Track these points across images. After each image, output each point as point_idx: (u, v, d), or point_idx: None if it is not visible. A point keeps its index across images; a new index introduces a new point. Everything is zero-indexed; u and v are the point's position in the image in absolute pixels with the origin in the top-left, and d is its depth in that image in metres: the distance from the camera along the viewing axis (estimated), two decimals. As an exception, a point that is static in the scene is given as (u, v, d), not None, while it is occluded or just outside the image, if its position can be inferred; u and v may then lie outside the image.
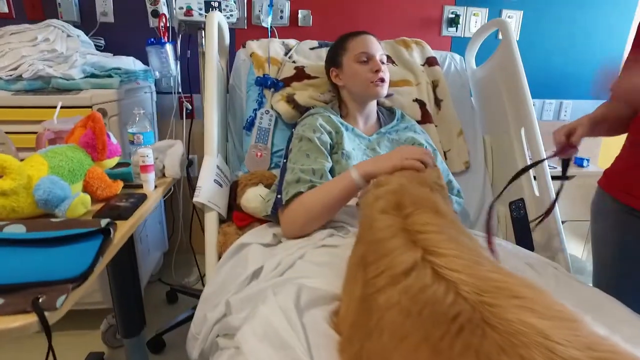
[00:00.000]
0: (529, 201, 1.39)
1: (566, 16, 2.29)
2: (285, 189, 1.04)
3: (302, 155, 1.10)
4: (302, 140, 1.14)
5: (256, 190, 1.15)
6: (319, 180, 1.04)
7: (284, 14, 2.03)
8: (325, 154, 1.11)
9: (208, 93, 1.22)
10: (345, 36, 1.27)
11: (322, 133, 1.15)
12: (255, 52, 1.46)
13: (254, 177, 1.20)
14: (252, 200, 1.13)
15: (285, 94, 1.37)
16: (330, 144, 1.15)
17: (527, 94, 1.39)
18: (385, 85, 1.24)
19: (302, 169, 1.06)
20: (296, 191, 1.01)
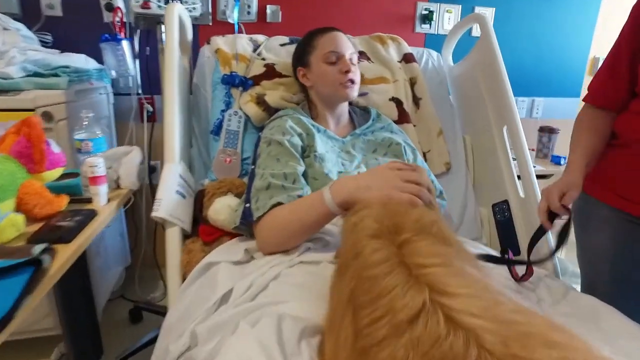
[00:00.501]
0: (513, 203, 1.34)
1: (536, 13, 2.29)
2: (255, 196, 0.94)
3: (271, 159, 1.00)
4: (271, 144, 1.04)
5: (225, 200, 1.03)
6: (291, 185, 0.94)
7: (251, 9, 1.91)
8: (297, 157, 1.01)
9: (168, 93, 1.09)
10: (313, 33, 1.19)
11: (293, 135, 1.05)
12: (221, 49, 1.34)
13: (222, 185, 1.09)
14: (221, 212, 1.01)
15: (254, 94, 1.26)
16: (301, 146, 1.06)
17: (509, 91, 1.33)
18: (355, 87, 1.17)
19: (272, 173, 0.96)
20: (270, 202, 0.91)
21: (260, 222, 0.92)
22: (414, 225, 0.53)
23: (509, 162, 1.36)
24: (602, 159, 0.97)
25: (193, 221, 1.09)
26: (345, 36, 1.18)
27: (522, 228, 1.31)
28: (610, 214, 0.93)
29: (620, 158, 0.92)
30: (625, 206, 0.90)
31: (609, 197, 0.94)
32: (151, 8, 1.30)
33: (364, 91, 1.38)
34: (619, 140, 0.93)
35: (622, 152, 0.91)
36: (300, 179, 0.97)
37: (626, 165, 0.90)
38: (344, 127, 1.23)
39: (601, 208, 0.96)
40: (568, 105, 2.53)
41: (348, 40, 1.18)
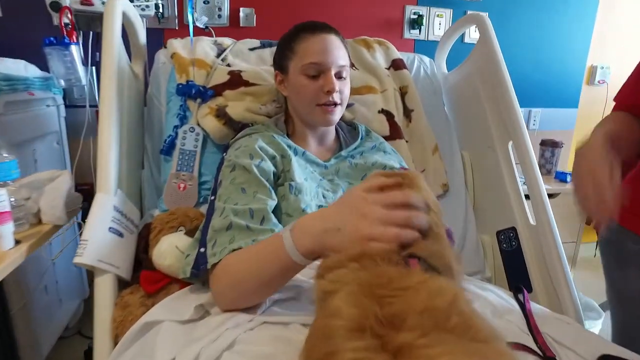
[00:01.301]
0: (522, 231, 1.15)
1: (531, 19, 2.16)
2: (212, 239, 0.74)
3: (235, 189, 0.79)
4: (236, 169, 0.83)
5: (172, 239, 0.82)
6: (258, 225, 0.74)
7: (222, 12, 1.72)
8: (267, 188, 0.81)
9: (104, 106, 0.89)
10: (298, 31, 0.94)
11: (263, 159, 0.84)
12: (177, 53, 1.13)
13: (172, 218, 0.87)
14: (167, 255, 0.80)
15: (214, 106, 1.05)
16: (274, 173, 0.85)
17: (514, 100, 1.15)
18: (338, 110, 0.94)
19: (235, 209, 0.75)
20: (230, 248, 0.70)
21: (214, 271, 0.71)
22: (419, 317, 0.33)
23: (516, 183, 1.17)
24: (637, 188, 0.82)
25: (136, 265, 0.87)
26: (338, 41, 0.93)
27: (533, 261, 1.12)
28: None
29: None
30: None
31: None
32: (94, 5, 1.09)
33: (349, 102, 1.18)
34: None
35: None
36: (271, 217, 0.76)
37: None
38: (328, 148, 1.02)
39: (637, 242, 0.82)
40: (566, 116, 2.39)
41: (341, 47, 0.93)
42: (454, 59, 1.47)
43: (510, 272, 1.19)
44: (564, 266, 1.02)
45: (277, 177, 0.86)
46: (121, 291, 0.83)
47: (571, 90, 2.39)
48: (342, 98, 0.93)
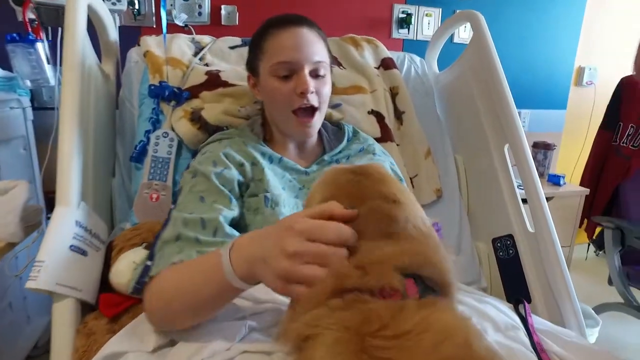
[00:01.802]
0: (520, 238, 1.09)
1: (520, 20, 2.13)
2: (160, 250, 0.67)
3: (194, 198, 0.72)
4: (197, 175, 0.76)
5: (131, 256, 0.74)
6: (209, 237, 0.67)
7: (202, 9, 1.63)
8: (227, 198, 0.73)
9: (65, 109, 0.80)
10: (267, 27, 0.84)
11: (227, 167, 0.77)
12: (150, 51, 1.04)
13: (135, 234, 0.79)
14: (124, 273, 0.72)
15: (189, 109, 0.97)
16: (239, 182, 0.77)
17: (510, 102, 1.09)
18: (317, 118, 0.85)
19: (186, 219, 0.68)
20: (169, 261, 0.64)
21: (148, 286, 0.65)
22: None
23: (513, 188, 1.11)
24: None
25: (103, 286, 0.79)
26: (312, 34, 0.83)
27: (532, 269, 1.06)
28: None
29: None
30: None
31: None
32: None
33: (337, 102, 1.11)
34: None
35: None
36: (225, 228, 0.69)
37: None
38: (310, 151, 0.93)
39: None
40: (555, 118, 2.36)
41: (317, 41, 0.83)
42: (443, 59, 1.41)
43: (507, 281, 1.13)
44: (565, 276, 0.96)
45: (246, 187, 0.78)
46: (85, 317, 0.74)
47: (559, 92, 2.36)
48: (320, 100, 0.83)
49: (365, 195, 0.49)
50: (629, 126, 1.76)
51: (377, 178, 0.51)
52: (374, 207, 0.48)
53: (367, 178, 0.51)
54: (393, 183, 0.52)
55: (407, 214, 0.48)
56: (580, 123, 2.39)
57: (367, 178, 0.51)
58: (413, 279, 0.44)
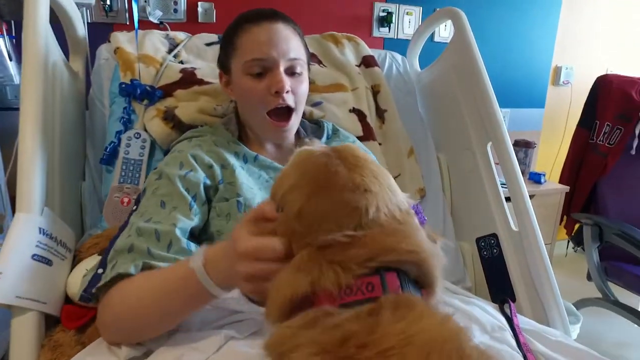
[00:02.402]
0: (504, 237, 1.08)
1: (498, 18, 2.15)
2: (112, 260, 0.63)
3: (155, 202, 0.68)
4: (162, 177, 0.72)
5: (85, 264, 0.70)
6: (163, 252, 0.63)
7: (178, 6, 1.58)
8: (188, 204, 0.69)
9: (26, 109, 0.74)
10: (239, 22, 0.80)
11: (193, 169, 0.73)
12: (121, 48, 0.99)
13: (95, 243, 0.75)
14: (76, 284, 0.69)
15: (162, 108, 0.92)
16: (206, 185, 0.73)
17: (493, 99, 1.09)
18: (293, 120, 0.81)
19: (140, 228, 0.64)
20: (117, 270, 0.61)
21: (102, 298, 0.62)
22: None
23: (496, 187, 1.10)
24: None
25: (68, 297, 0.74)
26: (287, 29, 0.79)
27: (516, 268, 1.05)
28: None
29: None
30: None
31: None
32: (17, -10, 0.94)
33: (318, 100, 1.08)
34: None
35: None
36: (181, 243, 0.65)
37: None
38: (288, 148, 0.89)
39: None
40: (534, 117, 2.39)
41: (292, 36, 0.79)
42: (423, 58, 1.40)
43: (491, 280, 1.13)
44: (550, 275, 0.96)
45: (215, 190, 0.74)
46: (50, 330, 0.69)
47: (538, 91, 2.40)
48: (296, 100, 0.80)
49: (334, 184, 0.45)
50: (605, 124, 1.79)
51: (351, 163, 0.47)
52: (340, 200, 0.44)
53: (340, 162, 0.47)
54: (367, 167, 0.47)
55: (378, 202, 0.44)
56: (559, 121, 2.43)
57: (340, 162, 0.47)
58: (396, 272, 0.42)
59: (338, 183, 0.45)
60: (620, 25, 2.46)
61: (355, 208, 0.43)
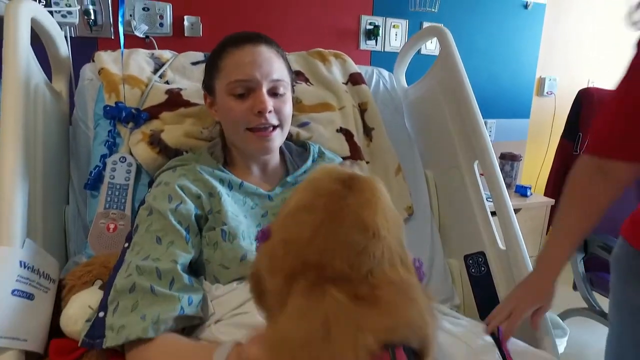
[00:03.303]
0: (491, 255, 1.09)
1: (482, 30, 2.18)
2: (114, 301, 0.63)
3: (150, 239, 0.68)
4: (153, 213, 0.72)
5: (84, 297, 0.68)
6: (166, 290, 0.63)
7: (164, 20, 1.56)
8: (183, 238, 0.70)
9: (6, 138, 0.72)
10: (223, 46, 0.81)
11: (182, 201, 0.73)
12: (105, 68, 0.98)
13: (87, 271, 0.73)
14: (76, 318, 0.67)
15: (148, 131, 0.91)
16: (197, 215, 0.73)
17: (478, 117, 1.10)
18: (277, 134, 0.82)
19: (141, 267, 0.64)
20: (129, 333, 0.60)
21: (128, 353, 0.61)
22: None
23: (483, 205, 1.11)
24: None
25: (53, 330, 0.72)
26: (270, 51, 0.81)
27: (503, 286, 1.06)
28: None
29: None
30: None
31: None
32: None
33: (305, 121, 1.08)
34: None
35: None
36: (181, 277, 0.66)
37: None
38: (273, 173, 0.89)
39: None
40: (519, 127, 2.43)
41: (275, 58, 0.82)
42: (410, 71, 1.41)
43: (480, 299, 1.13)
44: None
45: (205, 220, 0.74)
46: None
47: (523, 101, 2.43)
48: (281, 118, 0.81)
49: (342, 218, 0.43)
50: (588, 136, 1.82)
51: (365, 198, 0.45)
52: (349, 239, 0.43)
53: (354, 195, 0.45)
54: (380, 208, 0.45)
55: (384, 251, 0.43)
56: (543, 131, 2.47)
57: (354, 195, 0.45)
58: (402, 347, 0.41)
59: (347, 218, 0.43)
60: (602, 38, 2.52)
61: (364, 251, 0.42)
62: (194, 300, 0.66)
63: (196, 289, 0.69)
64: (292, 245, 0.44)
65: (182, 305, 0.64)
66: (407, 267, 0.46)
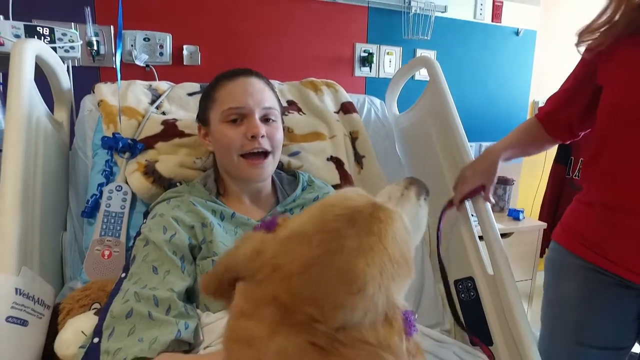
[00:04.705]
0: (480, 281, 1.10)
1: (475, 57, 2.24)
2: (109, 327, 0.65)
3: (147, 269, 0.71)
4: (149, 243, 0.75)
5: (79, 322, 0.70)
6: (162, 315, 0.66)
7: (164, 49, 1.62)
8: (178, 267, 0.73)
9: (7, 161, 0.76)
10: (217, 80, 0.88)
11: (176, 232, 0.76)
12: (104, 100, 1.02)
13: (85, 295, 0.76)
14: (69, 343, 0.69)
15: (143, 162, 0.94)
16: (190, 245, 0.77)
17: (465, 145, 1.13)
18: (269, 161, 0.86)
19: (139, 293, 0.67)
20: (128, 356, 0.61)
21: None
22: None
23: (472, 231, 1.13)
24: (575, 215, 0.97)
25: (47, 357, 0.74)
26: (261, 83, 0.88)
27: (492, 312, 1.07)
28: (580, 263, 0.93)
29: (598, 218, 0.89)
30: (596, 260, 0.89)
31: (581, 250, 0.93)
32: (3, 44, 0.97)
33: (296, 150, 1.11)
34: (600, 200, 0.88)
35: (603, 213, 0.87)
36: (178, 305, 0.68)
37: (607, 227, 0.87)
38: (264, 202, 0.93)
39: (573, 258, 0.94)
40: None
41: (266, 89, 0.88)
42: (404, 96, 1.46)
43: (469, 323, 1.14)
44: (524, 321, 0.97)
45: (199, 249, 0.77)
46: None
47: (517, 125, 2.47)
48: (272, 145, 0.85)
49: (332, 263, 0.40)
50: (580, 160, 1.86)
51: (367, 244, 0.42)
52: (327, 290, 0.40)
53: (356, 236, 0.42)
54: (379, 257, 0.42)
55: (367, 310, 0.40)
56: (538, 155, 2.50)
57: (356, 236, 0.42)
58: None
59: (338, 264, 0.41)
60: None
61: (341, 306, 0.39)
62: (190, 326, 0.68)
63: (191, 316, 0.71)
64: (278, 274, 0.41)
65: (180, 328, 0.66)
66: (390, 325, 0.41)
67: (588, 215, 0.92)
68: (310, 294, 0.40)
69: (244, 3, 1.71)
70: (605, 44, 0.81)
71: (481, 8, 2.17)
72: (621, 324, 0.91)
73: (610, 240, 0.86)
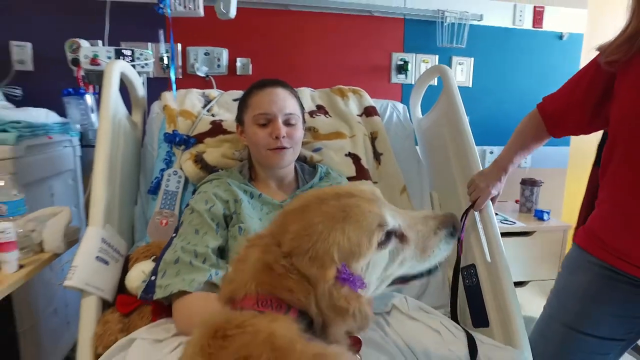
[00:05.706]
0: (480, 268, 1.22)
1: (515, 62, 2.25)
2: (162, 269, 0.88)
3: (191, 230, 0.94)
4: (194, 212, 0.98)
5: (142, 266, 0.96)
6: (200, 264, 0.88)
7: (221, 62, 1.91)
8: (214, 230, 0.95)
9: (99, 151, 1.05)
10: (251, 88, 1.10)
11: (214, 204, 0.99)
12: (167, 105, 1.31)
13: (149, 249, 1.01)
14: (135, 279, 0.94)
15: (194, 152, 1.21)
16: (224, 215, 0.99)
17: (472, 146, 1.25)
18: (289, 153, 1.06)
19: (184, 247, 0.90)
20: (172, 288, 0.84)
21: (175, 306, 0.85)
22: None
23: (475, 223, 1.25)
24: (593, 218, 1.00)
25: (120, 289, 1.01)
26: (285, 92, 1.08)
27: (490, 295, 1.18)
28: (596, 261, 0.96)
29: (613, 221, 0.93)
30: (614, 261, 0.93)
31: (599, 253, 0.96)
32: (100, 64, 1.29)
33: (318, 146, 1.32)
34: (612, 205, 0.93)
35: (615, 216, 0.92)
36: (212, 257, 0.91)
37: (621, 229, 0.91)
38: (286, 188, 1.14)
39: (590, 257, 0.98)
40: (557, 154, 2.43)
41: (289, 97, 1.08)
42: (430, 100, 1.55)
43: (471, 307, 1.25)
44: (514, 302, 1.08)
45: (230, 218, 0.99)
46: (105, 311, 0.96)
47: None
48: (292, 142, 1.06)
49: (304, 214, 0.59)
50: None
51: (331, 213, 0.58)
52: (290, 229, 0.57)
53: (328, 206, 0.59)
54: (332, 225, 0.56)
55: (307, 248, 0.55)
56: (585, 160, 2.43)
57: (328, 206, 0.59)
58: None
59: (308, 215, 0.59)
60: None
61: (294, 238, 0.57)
62: (219, 274, 0.90)
63: (222, 267, 0.93)
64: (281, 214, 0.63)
65: (211, 274, 0.88)
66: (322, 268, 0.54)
67: (604, 219, 0.96)
68: (285, 228, 0.58)
69: (288, 20, 1.95)
70: (627, 56, 0.85)
71: (521, 14, 2.21)
72: (623, 320, 0.95)
73: (626, 242, 0.89)
